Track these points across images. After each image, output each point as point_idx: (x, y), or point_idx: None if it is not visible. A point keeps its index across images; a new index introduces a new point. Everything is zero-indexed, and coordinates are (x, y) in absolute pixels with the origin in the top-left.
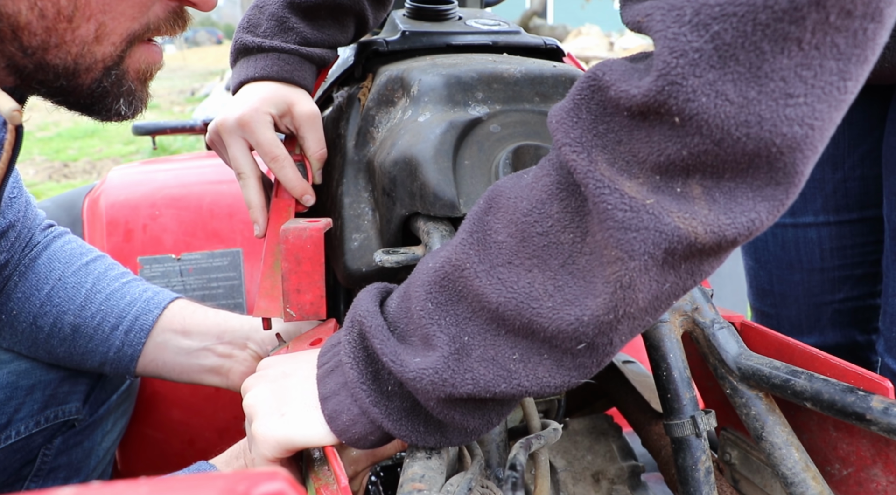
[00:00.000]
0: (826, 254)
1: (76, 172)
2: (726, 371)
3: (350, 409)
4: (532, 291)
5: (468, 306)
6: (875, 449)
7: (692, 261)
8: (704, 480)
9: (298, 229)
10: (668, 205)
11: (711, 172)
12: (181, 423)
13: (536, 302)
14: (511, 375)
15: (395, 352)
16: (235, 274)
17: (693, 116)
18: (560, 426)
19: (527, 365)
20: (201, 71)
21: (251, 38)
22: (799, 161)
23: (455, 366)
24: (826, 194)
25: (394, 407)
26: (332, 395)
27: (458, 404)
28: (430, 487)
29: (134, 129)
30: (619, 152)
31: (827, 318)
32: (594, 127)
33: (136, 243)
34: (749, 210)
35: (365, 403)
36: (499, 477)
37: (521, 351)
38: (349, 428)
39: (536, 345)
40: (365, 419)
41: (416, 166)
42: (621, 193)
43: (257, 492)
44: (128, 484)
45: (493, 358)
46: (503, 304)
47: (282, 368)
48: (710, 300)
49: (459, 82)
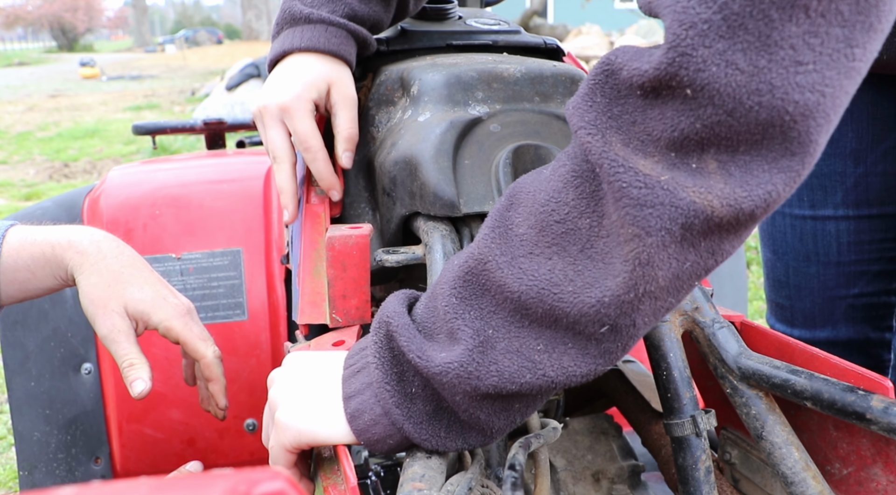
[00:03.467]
0: (843, 248)
1: (76, 172)
2: (726, 370)
3: (373, 409)
4: (553, 278)
5: (492, 299)
6: (875, 449)
7: (711, 237)
8: (704, 480)
9: (344, 236)
10: (683, 180)
11: (726, 145)
12: (181, 423)
13: (557, 287)
14: (536, 366)
15: (422, 349)
16: (235, 273)
17: (704, 86)
18: (559, 425)
19: (552, 355)
20: (201, 71)
21: (300, 7)
22: (812, 129)
23: (480, 359)
24: (847, 188)
25: (416, 410)
26: (356, 395)
27: (485, 401)
28: (430, 487)
29: (134, 129)
30: (633, 133)
31: (840, 313)
32: (609, 109)
33: (136, 243)
34: (765, 182)
35: (388, 404)
36: (499, 477)
37: (545, 341)
38: (369, 429)
39: (560, 333)
40: (386, 420)
41: (416, 166)
42: (636, 171)
43: (257, 492)
44: (128, 483)
45: (518, 349)
46: (525, 292)
47: (311, 365)
48: (710, 299)
49: (459, 82)
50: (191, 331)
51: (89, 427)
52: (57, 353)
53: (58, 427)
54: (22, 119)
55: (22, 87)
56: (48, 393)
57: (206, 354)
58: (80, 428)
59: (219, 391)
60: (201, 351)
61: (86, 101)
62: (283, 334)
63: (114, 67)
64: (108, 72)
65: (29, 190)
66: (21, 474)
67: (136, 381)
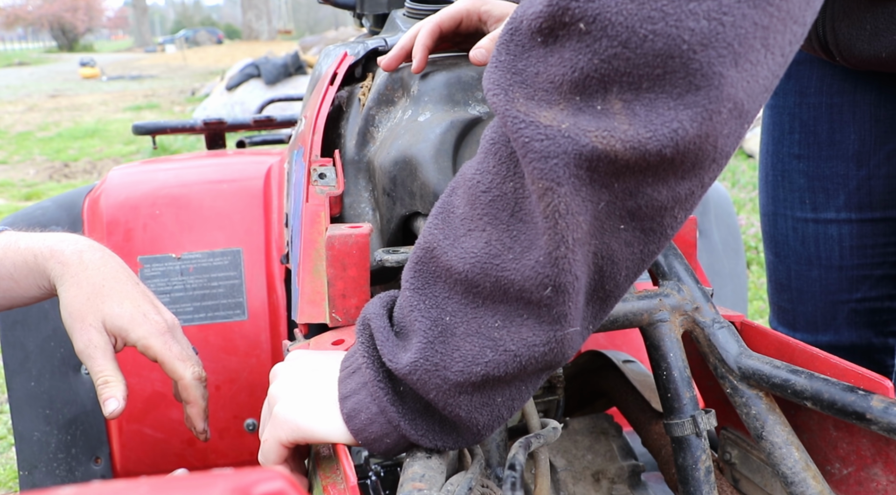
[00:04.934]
0: (845, 251)
1: (76, 172)
2: (726, 370)
3: (368, 408)
4: (491, 249)
5: (443, 285)
6: (875, 449)
7: (624, 179)
8: (704, 479)
9: (344, 236)
10: (585, 125)
11: (629, 82)
12: (181, 423)
13: (497, 258)
14: (496, 343)
15: (392, 351)
16: (235, 273)
17: (596, 17)
18: (559, 425)
19: (510, 329)
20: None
21: None
22: (714, 61)
23: (442, 349)
24: (849, 191)
25: (408, 408)
26: (352, 394)
27: (461, 395)
28: (430, 487)
29: (134, 129)
30: (537, 84)
31: (843, 317)
32: (513, 65)
33: (136, 243)
34: (671, 120)
35: (383, 402)
36: (499, 477)
37: (501, 316)
38: (366, 428)
39: (513, 305)
40: (382, 418)
41: (416, 166)
42: (536, 124)
43: (257, 492)
44: (128, 483)
45: (477, 330)
46: (470, 271)
47: (313, 364)
48: (710, 300)
49: (459, 82)
50: (169, 351)
51: (89, 427)
52: (57, 353)
53: (58, 427)
54: (22, 119)
55: (22, 87)
56: (48, 393)
57: (183, 375)
58: (80, 428)
59: (196, 414)
60: (179, 371)
61: (86, 101)
62: (283, 334)
63: (114, 67)
64: (108, 72)
65: (29, 190)
66: (21, 474)
67: (110, 400)
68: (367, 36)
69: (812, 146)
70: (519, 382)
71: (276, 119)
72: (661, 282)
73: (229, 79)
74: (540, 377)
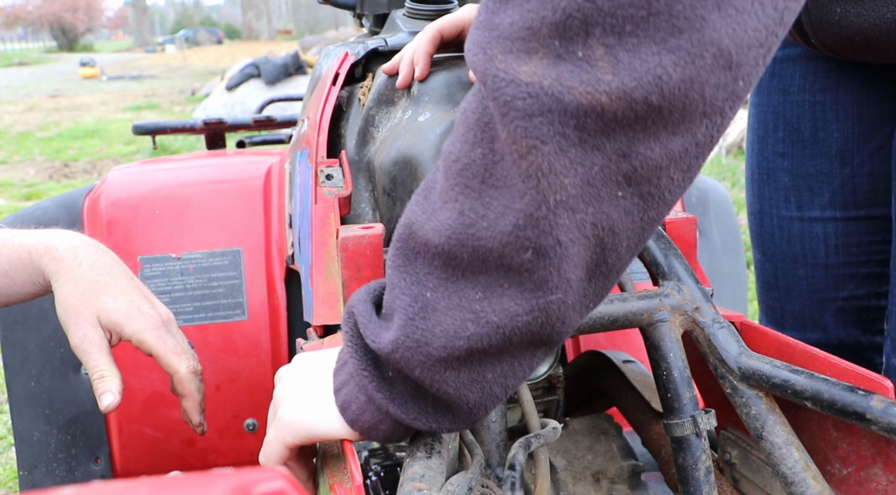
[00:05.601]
0: (831, 250)
1: (76, 172)
2: (726, 370)
3: (358, 398)
4: (465, 219)
5: (423, 260)
6: (875, 449)
7: (616, 137)
8: (704, 480)
9: (357, 237)
10: (567, 80)
11: (612, 25)
12: (181, 423)
13: (472, 227)
14: (478, 316)
15: (375, 333)
16: (236, 273)
17: None
18: (559, 425)
19: (490, 300)
20: (201, 71)
21: None
22: (697, 3)
23: (423, 325)
24: (833, 189)
25: (398, 392)
26: (343, 386)
27: (447, 371)
28: (430, 487)
29: (134, 129)
30: (514, 33)
31: (830, 316)
32: (490, 21)
33: (136, 243)
34: (655, 66)
35: (369, 389)
36: (499, 477)
37: (481, 288)
38: (359, 418)
39: (493, 275)
40: (372, 406)
41: (416, 166)
42: (517, 82)
43: (258, 492)
44: (128, 483)
45: (458, 304)
46: (446, 243)
47: (315, 363)
48: (710, 300)
49: (460, 82)
50: (164, 345)
51: (89, 427)
52: (57, 353)
53: (58, 427)
54: (22, 119)
55: (22, 87)
56: (48, 393)
57: (178, 369)
58: (80, 428)
59: (192, 407)
60: (174, 365)
61: (86, 101)
62: (283, 334)
63: (114, 67)
64: (108, 72)
65: (29, 190)
66: (21, 474)
67: (105, 394)
68: (367, 36)
69: (796, 144)
70: (508, 357)
71: (276, 119)
72: (661, 282)
73: (229, 79)
74: (531, 353)
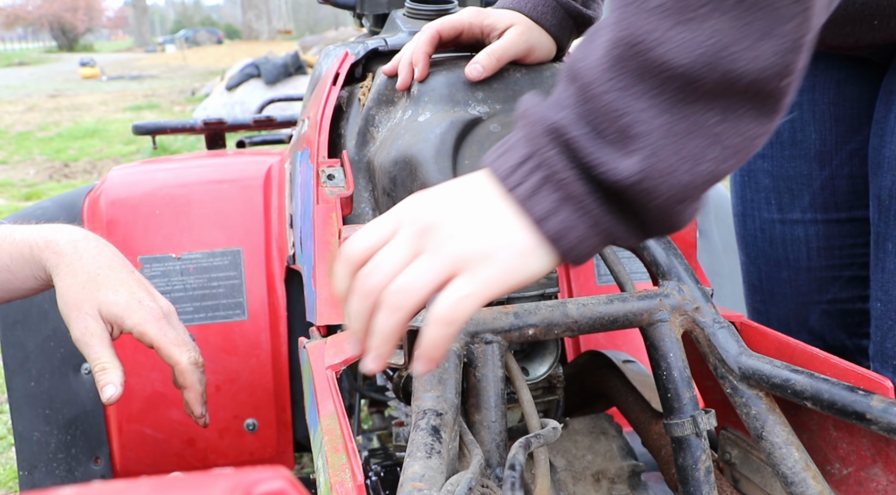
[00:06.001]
0: (813, 252)
1: (77, 172)
2: (726, 370)
3: (577, 226)
4: (720, 40)
5: (653, 81)
6: (875, 449)
7: None
8: (704, 480)
9: None
10: None
11: None
12: (181, 423)
13: (728, 49)
14: (718, 139)
15: (615, 159)
16: (236, 273)
17: None
18: (559, 425)
19: (727, 124)
20: (201, 71)
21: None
22: None
23: (667, 152)
24: (814, 191)
25: (623, 215)
26: (549, 215)
27: (685, 200)
28: (430, 487)
29: (134, 129)
30: None
31: (815, 319)
32: None
33: (136, 243)
34: None
35: (595, 214)
36: (499, 477)
37: (718, 111)
38: (578, 245)
39: (734, 100)
40: (596, 229)
41: (416, 166)
42: None
43: (257, 492)
44: (128, 483)
45: (695, 129)
46: (693, 64)
47: (424, 220)
48: (710, 300)
49: (460, 81)
50: (165, 336)
51: (89, 427)
52: (57, 353)
53: (58, 427)
54: (22, 119)
55: (22, 87)
56: (48, 393)
57: (179, 360)
58: (80, 428)
59: (193, 398)
60: (175, 357)
61: (86, 101)
62: (283, 334)
63: (114, 67)
64: (108, 72)
65: (29, 190)
66: (21, 474)
67: (107, 386)
68: (367, 36)
69: (775, 145)
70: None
71: (276, 119)
72: (661, 282)
73: (229, 79)
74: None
